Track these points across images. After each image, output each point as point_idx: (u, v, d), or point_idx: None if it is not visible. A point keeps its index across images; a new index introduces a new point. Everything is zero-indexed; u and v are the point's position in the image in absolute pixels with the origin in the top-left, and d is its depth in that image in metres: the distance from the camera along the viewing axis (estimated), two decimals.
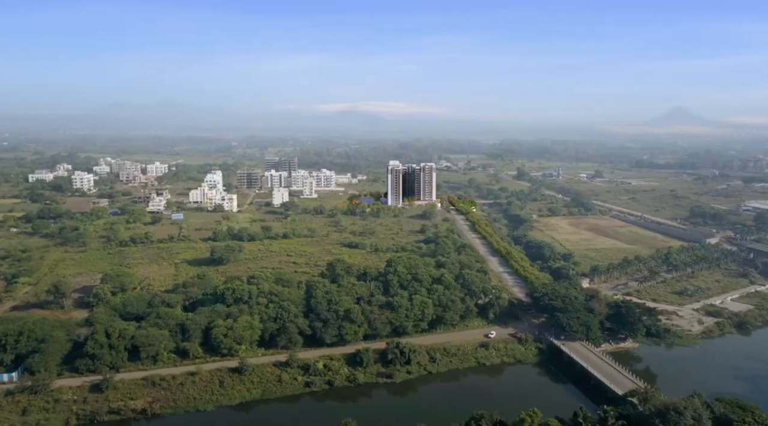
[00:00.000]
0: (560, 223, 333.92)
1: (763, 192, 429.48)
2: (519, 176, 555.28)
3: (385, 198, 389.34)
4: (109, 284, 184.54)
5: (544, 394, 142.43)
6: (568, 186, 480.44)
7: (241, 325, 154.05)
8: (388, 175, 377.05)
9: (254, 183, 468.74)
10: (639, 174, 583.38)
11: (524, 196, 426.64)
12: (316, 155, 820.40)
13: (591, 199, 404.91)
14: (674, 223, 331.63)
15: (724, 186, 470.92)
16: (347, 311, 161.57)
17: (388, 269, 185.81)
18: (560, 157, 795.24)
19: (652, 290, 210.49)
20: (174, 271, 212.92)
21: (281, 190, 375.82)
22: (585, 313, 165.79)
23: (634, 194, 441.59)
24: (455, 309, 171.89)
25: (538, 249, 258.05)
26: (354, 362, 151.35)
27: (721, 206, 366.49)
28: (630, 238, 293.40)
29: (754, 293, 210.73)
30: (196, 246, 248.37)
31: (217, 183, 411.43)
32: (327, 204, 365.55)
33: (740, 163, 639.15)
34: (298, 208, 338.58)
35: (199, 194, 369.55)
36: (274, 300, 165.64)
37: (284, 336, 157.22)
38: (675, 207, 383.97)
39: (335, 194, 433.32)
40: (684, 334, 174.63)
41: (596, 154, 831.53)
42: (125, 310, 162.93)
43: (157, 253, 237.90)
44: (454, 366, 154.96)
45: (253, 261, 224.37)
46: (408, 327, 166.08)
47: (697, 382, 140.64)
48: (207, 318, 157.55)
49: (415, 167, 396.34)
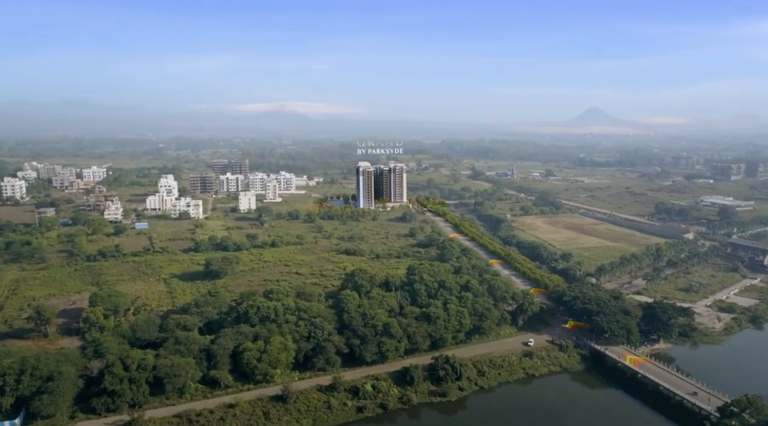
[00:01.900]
0: (537, 223, 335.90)
1: (711, 188, 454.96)
2: (474, 176, 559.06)
3: (354, 200, 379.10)
4: (101, 306, 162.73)
5: (605, 406, 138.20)
6: (527, 185, 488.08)
7: (275, 347, 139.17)
8: (359, 177, 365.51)
9: (209, 187, 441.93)
10: (585, 172, 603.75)
11: (488, 195, 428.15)
12: (259, 157, 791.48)
13: (554, 198, 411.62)
14: (643, 219, 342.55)
15: (670, 182, 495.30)
16: (386, 325, 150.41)
17: (413, 278, 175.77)
18: (503, 156, 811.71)
19: (659, 288, 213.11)
20: (165, 287, 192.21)
21: (248, 195, 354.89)
22: (623, 316, 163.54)
23: (591, 192, 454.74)
24: (492, 317, 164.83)
25: (532, 250, 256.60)
26: (402, 381, 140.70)
27: (680, 202, 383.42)
28: (612, 235, 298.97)
29: (751, 287, 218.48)
30: (178, 258, 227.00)
31: (172, 188, 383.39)
32: (296, 208, 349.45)
33: (672, 160, 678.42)
34: (272, 214, 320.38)
35: (157, 201, 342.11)
36: (304, 317, 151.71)
37: (321, 356, 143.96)
38: (635, 204, 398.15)
39: (299, 197, 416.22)
40: (709, 331, 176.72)
41: (536, 153, 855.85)
42: (135, 337, 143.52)
43: (136, 268, 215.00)
44: (504, 379, 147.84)
45: (250, 273, 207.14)
46: (448, 339, 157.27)
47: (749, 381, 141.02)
48: (233, 341, 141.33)
49: (384, 168, 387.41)
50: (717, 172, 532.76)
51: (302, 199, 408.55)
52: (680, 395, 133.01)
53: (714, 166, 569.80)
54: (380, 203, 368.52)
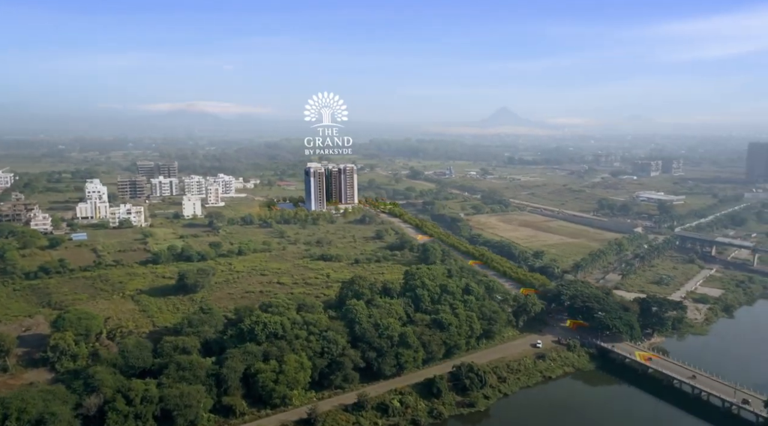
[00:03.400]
0: (492, 221, 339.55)
1: (639, 183, 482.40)
2: (414, 176, 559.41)
3: (304, 203, 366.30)
4: (70, 331, 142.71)
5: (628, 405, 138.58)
6: (468, 184, 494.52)
7: (292, 367, 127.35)
8: (310, 178, 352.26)
9: (140, 192, 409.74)
10: (517, 171, 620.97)
11: (434, 195, 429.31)
12: (181, 158, 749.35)
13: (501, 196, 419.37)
14: (589, 215, 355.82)
15: (599, 179, 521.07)
16: (402, 335, 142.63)
17: (414, 283, 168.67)
18: (433, 156, 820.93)
19: (633, 282, 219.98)
20: (135, 305, 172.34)
21: (192, 199, 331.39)
22: (624, 313, 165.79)
23: (531, 190, 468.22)
24: (500, 320, 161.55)
25: (501, 249, 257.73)
26: (427, 393, 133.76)
27: (618, 198, 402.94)
28: (568, 232, 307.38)
29: (711, 278, 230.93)
30: (138, 272, 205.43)
31: (102, 194, 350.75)
32: (242, 212, 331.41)
33: (593, 158, 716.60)
34: (224, 219, 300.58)
35: (89, 208, 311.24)
36: (314, 331, 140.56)
37: (339, 373, 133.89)
38: (576, 200, 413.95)
39: (242, 201, 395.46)
40: (693, 323, 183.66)
41: (465, 152, 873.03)
42: (127, 365, 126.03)
43: (90, 285, 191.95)
44: (524, 383, 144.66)
45: (227, 285, 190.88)
46: (462, 345, 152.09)
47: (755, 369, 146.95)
48: (242, 362, 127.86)
49: (333, 169, 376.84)
50: (638, 169, 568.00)
51: (246, 202, 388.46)
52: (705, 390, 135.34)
53: (635, 163, 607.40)
54: (332, 205, 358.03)
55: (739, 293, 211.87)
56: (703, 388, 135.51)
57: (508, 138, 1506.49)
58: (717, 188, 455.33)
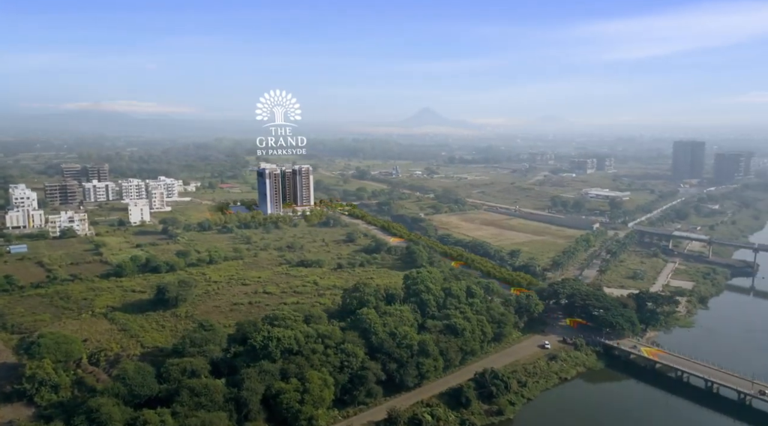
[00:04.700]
0: (453, 220, 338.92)
1: (583, 181, 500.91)
2: (360, 176, 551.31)
3: (257, 206, 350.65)
4: (47, 358, 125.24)
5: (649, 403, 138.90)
6: (418, 184, 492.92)
7: (316, 384, 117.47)
8: (266, 179, 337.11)
9: (71, 198, 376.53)
10: (460, 169, 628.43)
11: (386, 195, 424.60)
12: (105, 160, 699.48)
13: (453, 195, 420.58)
14: (543, 212, 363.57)
15: (542, 177, 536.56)
16: (421, 344, 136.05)
17: (417, 288, 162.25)
18: (371, 155, 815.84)
19: (611, 278, 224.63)
20: (112, 324, 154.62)
21: (139, 205, 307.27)
22: (624, 310, 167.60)
23: (480, 188, 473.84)
24: (509, 323, 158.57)
25: (475, 248, 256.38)
26: (455, 403, 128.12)
27: (567, 195, 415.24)
28: (531, 229, 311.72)
29: (678, 270, 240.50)
30: (101, 286, 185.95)
31: (33, 200, 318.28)
32: (194, 217, 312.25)
33: (529, 157, 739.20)
34: (179, 225, 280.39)
35: (21, 217, 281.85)
36: (330, 344, 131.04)
37: (362, 388, 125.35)
38: (527, 198, 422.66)
39: (188, 205, 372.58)
40: (678, 316, 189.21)
41: (402, 152, 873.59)
42: (131, 393, 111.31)
43: (49, 303, 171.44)
44: (542, 386, 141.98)
45: (209, 297, 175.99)
46: (477, 351, 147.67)
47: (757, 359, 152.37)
48: (261, 383, 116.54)
49: (287, 171, 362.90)
50: (575, 167, 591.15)
51: (193, 206, 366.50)
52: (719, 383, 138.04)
53: (572, 161, 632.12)
54: (288, 207, 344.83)
55: (708, 285, 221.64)
56: (716, 380, 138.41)
57: (436, 138, 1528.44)
58: (650, 184, 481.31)
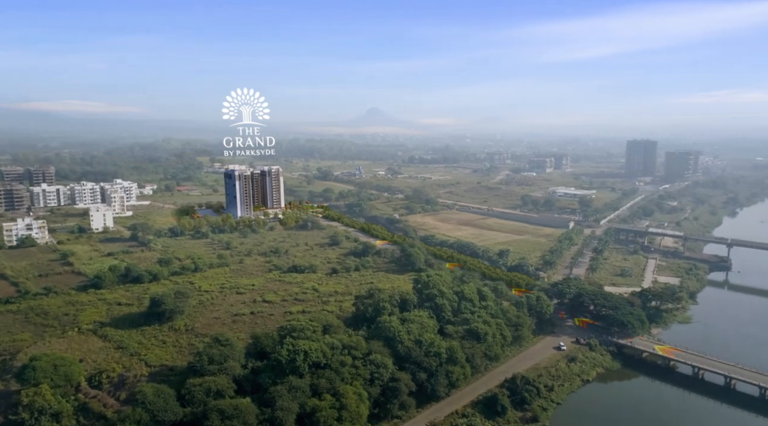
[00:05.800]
0: (429, 221, 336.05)
1: (545, 179, 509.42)
2: (323, 177, 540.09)
3: (224, 209, 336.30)
4: (45, 383, 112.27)
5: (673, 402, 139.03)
6: (385, 184, 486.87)
7: (352, 400, 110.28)
8: (235, 181, 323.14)
9: (18, 203, 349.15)
10: (421, 169, 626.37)
11: (354, 196, 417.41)
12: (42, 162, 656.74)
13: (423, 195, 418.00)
14: (515, 211, 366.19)
15: (504, 176, 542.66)
16: (449, 351, 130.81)
17: (431, 292, 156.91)
18: (329, 156, 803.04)
19: (601, 276, 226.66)
20: (105, 342, 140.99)
21: (101, 210, 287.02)
22: (633, 308, 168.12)
23: (447, 188, 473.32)
24: (526, 325, 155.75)
25: (461, 249, 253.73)
26: (489, 412, 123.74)
27: (536, 194, 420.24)
28: (509, 229, 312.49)
29: (660, 267, 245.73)
30: (82, 300, 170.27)
31: None
32: (159, 222, 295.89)
33: (486, 156, 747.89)
34: (149, 231, 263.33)
35: None
36: (357, 355, 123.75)
37: (396, 400, 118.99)
38: (495, 197, 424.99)
39: (150, 209, 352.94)
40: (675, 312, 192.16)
41: (360, 152, 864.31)
42: (155, 420, 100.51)
43: (25, 320, 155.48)
44: (567, 389, 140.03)
45: (205, 308, 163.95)
46: (501, 356, 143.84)
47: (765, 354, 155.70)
48: (292, 401, 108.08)
49: (256, 172, 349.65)
50: (534, 166, 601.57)
51: (155, 211, 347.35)
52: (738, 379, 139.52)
53: (531, 160, 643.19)
54: (258, 210, 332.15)
55: (693, 280, 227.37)
56: (735, 376, 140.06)
57: (387, 138, 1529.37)
58: (609, 182, 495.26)
